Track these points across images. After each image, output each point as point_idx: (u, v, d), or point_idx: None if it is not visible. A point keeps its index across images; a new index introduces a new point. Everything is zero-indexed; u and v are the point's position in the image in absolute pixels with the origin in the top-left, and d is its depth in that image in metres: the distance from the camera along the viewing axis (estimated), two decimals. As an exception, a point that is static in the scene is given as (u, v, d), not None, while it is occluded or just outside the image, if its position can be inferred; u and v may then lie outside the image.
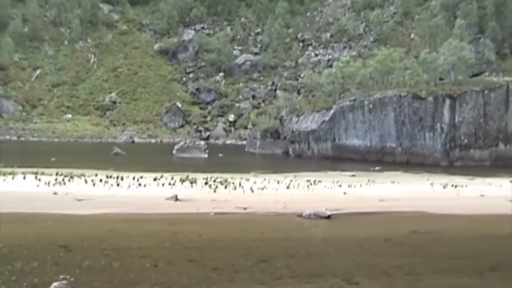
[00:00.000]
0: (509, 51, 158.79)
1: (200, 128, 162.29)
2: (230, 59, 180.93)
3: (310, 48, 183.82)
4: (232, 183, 54.43)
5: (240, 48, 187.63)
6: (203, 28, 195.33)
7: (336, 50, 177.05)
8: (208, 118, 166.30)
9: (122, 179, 55.73)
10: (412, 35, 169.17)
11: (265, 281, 24.12)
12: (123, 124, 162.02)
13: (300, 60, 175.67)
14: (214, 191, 50.42)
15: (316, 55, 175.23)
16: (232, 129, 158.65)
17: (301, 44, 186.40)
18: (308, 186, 54.98)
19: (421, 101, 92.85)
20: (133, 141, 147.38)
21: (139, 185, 52.78)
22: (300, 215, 39.79)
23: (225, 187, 52.32)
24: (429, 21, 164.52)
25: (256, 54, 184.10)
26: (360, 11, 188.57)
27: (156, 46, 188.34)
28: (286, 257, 28.92)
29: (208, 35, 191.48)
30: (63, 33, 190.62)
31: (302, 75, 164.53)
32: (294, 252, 29.97)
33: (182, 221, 38.23)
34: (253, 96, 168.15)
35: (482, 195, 52.33)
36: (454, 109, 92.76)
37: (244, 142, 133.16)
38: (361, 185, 56.77)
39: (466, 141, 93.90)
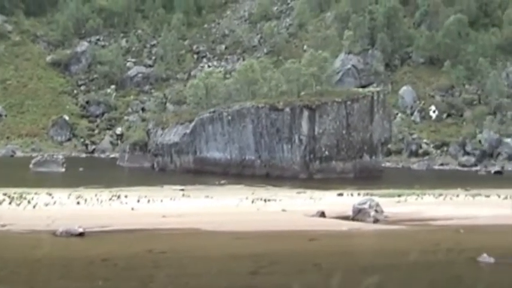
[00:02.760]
0: (400, 62, 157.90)
1: (87, 142, 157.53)
2: (123, 71, 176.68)
3: (204, 60, 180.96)
4: (25, 198, 51.32)
5: (134, 60, 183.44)
6: (98, 40, 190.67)
7: (230, 62, 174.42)
8: (96, 131, 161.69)
9: None
10: (305, 47, 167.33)
11: None
12: (7, 138, 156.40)
13: (192, 73, 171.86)
14: (-6, 207, 47.34)
15: (210, 67, 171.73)
16: (119, 142, 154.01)
17: (195, 56, 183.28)
18: (101, 202, 52.13)
19: (278, 112, 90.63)
20: (12, 155, 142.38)
21: None
22: (54, 233, 37.71)
23: (9, 203, 49.12)
24: (322, 33, 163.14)
25: (149, 66, 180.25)
26: (257, 22, 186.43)
27: (48, 58, 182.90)
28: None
29: (103, 46, 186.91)
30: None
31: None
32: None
33: None
34: (143, 109, 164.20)
35: (284, 210, 50.03)
36: (314, 120, 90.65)
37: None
38: (162, 200, 54.03)
39: (327, 153, 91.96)
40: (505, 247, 36.63)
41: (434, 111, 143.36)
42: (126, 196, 56.00)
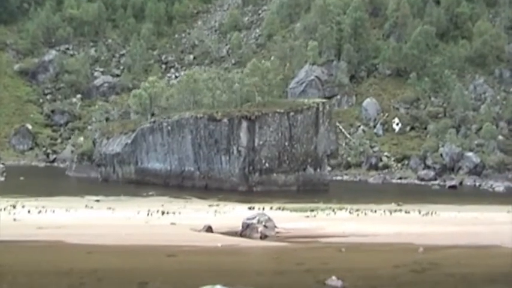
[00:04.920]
0: (366, 74, 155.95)
1: (48, 151, 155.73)
2: (89, 80, 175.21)
3: (172, 70, 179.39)
4: None
5: (102, 69, 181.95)
6: (68, 49, 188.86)
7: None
8: (59, 141, 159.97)
9: None
10: (272, 58, 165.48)
11: None
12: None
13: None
14: None
15: (177, 77, 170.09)
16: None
17: (164, 66, 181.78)
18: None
19: (216, 122, 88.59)
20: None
21: None
22: None
23: None
24: (289, 43, 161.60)
25: (117, 75, 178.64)
26: (226, 33, 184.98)
27: (16, 66, 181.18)
28: None
29: (72, 55, 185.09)
30: None
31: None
32: None
33: None
34: (107, 119, 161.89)
35: (173, 224, 48.13)
36: (253, 131, 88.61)
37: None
38: (54, 211, 52.10)
39: (267, 165, 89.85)
40: (370, 269, 34.53)
41: (397, 124, 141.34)
42: (23, 206, 54.31)
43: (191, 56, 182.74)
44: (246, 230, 45.34)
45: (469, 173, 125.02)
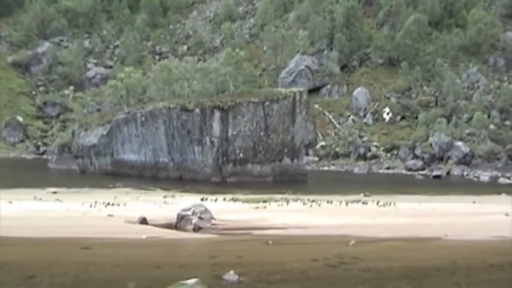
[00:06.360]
0: (358, 63, 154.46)
1: (39, 143, 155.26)
2: (82, 72, 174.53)
3: (165, 61, 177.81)
4: None
5: (95, 61, 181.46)
6: (62, 41, 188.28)
7: (190, 62, 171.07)
8: (50, 133, 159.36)
9: None
10: (264, 48, 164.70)
11: None
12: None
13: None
14: None
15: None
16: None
17: (157, 57, 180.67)
18: None
19: (189, 113, 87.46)
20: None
21: None
22: None
23: None
24: (281, 33, 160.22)
25: (110, 67, 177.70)
26: (221, 23, 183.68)
27: (9, 58, 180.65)
28: None
29: (66, 47, 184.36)
30: None
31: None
32: None
33: None
34: (98, 110, 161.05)
35: (110, 215, 47.15)
36: (227, 122, 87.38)
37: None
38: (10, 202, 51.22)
39: (242, 155, 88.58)
40: (283, 263, 33.10)
41: (387, 114, 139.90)
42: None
43: (185, 47, 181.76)
44: (181, 221, 44.29)
45: (458, 162, 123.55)
